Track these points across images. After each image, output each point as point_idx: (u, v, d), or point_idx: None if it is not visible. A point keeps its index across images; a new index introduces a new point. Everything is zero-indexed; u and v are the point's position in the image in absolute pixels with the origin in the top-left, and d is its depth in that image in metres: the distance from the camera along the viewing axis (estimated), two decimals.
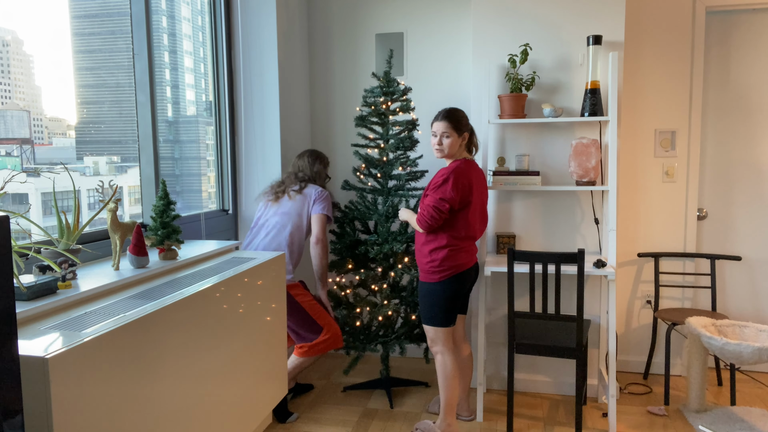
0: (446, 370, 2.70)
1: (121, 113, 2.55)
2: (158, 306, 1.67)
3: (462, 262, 2.63)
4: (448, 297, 2.64)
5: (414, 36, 3.68)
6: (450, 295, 2.64)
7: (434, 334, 2.69)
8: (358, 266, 3.13)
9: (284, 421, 2.94)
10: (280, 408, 2.95)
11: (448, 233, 2.61)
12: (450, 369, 2.69)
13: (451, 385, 2.69)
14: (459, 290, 2.65)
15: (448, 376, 2.69)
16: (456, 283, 2.63)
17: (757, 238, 3.50)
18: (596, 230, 3.20)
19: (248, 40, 3.32)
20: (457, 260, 2.62)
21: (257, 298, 2.33)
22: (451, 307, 2.66)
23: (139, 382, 1.56)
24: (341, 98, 3.83)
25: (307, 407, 3.13)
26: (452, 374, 2.69)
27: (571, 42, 3.15)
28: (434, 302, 2.65)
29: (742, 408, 3.04)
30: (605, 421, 2.96)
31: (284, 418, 2.94)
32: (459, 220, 2.61)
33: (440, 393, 2.73)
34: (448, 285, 2.63)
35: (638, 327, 3.60)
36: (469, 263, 2.67)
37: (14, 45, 2.15)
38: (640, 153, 3.51)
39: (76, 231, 1.96)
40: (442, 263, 2.61)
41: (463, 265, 2.64)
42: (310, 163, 3.06)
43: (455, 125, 2.65)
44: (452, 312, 2.67)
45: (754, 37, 3.41)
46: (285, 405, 2.97)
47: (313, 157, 3.08)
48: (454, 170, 2.58)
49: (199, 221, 2.99)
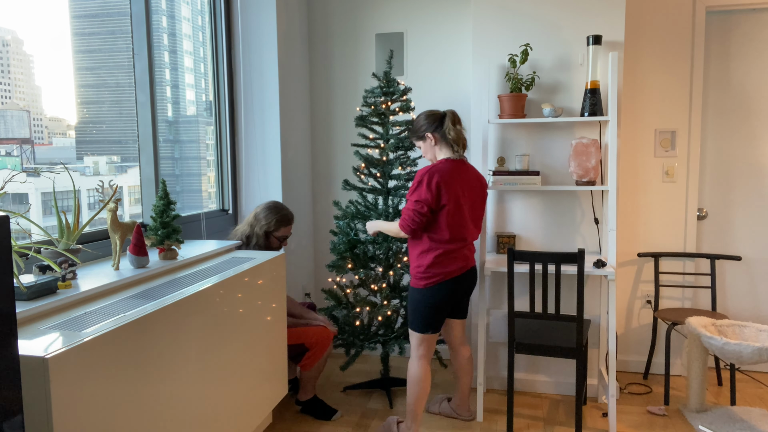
0: (412, 375, 2.64)
1: (121, 113, 2.55)
2: (158, 306, 1.67)
3: (450, 269, 2.54)
4: (431, 305, 2.56)
5: (414, 36, 3.68)
6: (434, 303, 2.56)
7: (416, 340, 2.63)
8: (358, 266, 3.13)
9: (330, 418, 2.97)
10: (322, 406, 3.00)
11: (430, 236, 2.53)
12: (416, 375, 2.63)
13: (414, 392, 2.63)
14: (446, 298, 2.57)
15: (412, 382, 2.64)
16: (442, 291, 2.55)
17: (757, 238, 3.50)
18: (596, 230, 3.20)
19: (248, 40, 3.32)
20: (444, 267, 2.53)
21: (257, 298, 2.33)
22: (434, 315, 2.58)
23: (139, 382, 1.56)
24: (341, 98, 3.83)
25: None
26: (416, 380, 2.63)
27: (571, 42, 3.15)
28: (417, 308, 2.59)
29: (742, 408, 3.04)
30: (605, 421, 2.96)
31: (329, 416, 2.98)
32: (440, 221, 2.51)
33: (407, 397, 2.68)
34: (433, 292, 2.55)
35: (638, 327, 3.60)
36: (460, 270, 2.57)
37: (14, 45, 2.15)
38: (640, 153, 3.51)
39: (76, 231, 1.96)
40: (428, 270, 2.54)
41: (452, 272, 2.55)
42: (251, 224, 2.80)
43: (413, 134, 2.67)
44: (435, 320, 2.59)
45: (754, 37, 3.41)
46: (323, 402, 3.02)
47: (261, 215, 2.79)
48: (427, 171, 2.49)
49: (199, 221, 2.99)
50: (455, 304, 2.77)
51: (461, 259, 2.58)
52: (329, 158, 3.89)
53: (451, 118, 2.58)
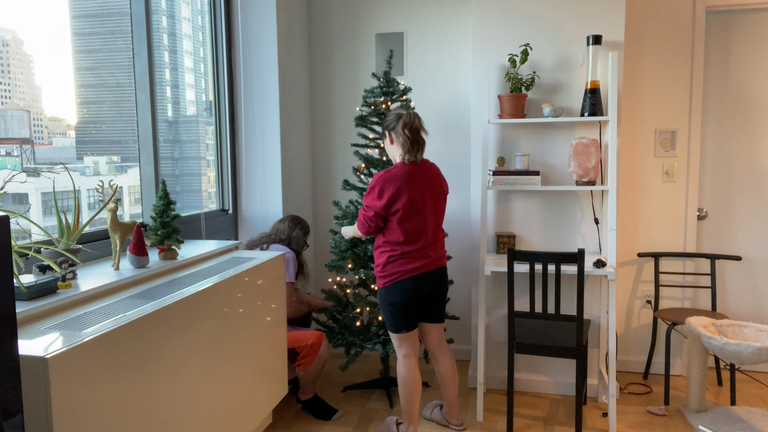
0: (399, 376, 2.64)
1: (121, 113, 2.55)
2: (158, 306, 1.67)
3: (407, 269, 2.52)
4: (392, 303, 2.55)
5: (414, 36, 3.68)
6: (395, 301, 2.54)
7: (395, 341, 2.64)
8: (358, 266, 3.13)
9: (330, 418, 2.98)
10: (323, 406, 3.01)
11: (386, 238, 2.54)
12: (402, 375, 2.62)
13: (405, 392, 2.62)
14: (407, 297, 2.54)
15: (400, 383, 2.63)
16: (401, 289, 2.53)
17: (757, 238, 3.50)
18: (596, 230, 3.20)
19: (248, 40, 3.32)
20: (401, 266, 2.52)
21: (257, 298, 2.33)
22: (401, 314, 2.56)
23: (139, 382, 1.56)
24: (341, 98, 3.83)
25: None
26: (404, 381, 2.62)
27: (571, 42, 3.15)
28: (383, 307, 2.61)
29: (742, 408, 3.04)
30: (605, 421, 2.96)
31: (330, 415, 2.99)
32: (392, 225, 2.50)
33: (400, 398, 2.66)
34: (391, 291, 2.55)
35: (638, 327, 3.60)
36: (418, 269, 2.53)
37: (14, 45, 2.15)
38: (640, 153, 3.51)
39: (76, 231, 1.96)
40: (384, 269, 2.55)
41: (409, 272, 2.52)
42: (290, 228, 3.06)
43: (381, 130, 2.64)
44: (404, 319, 2.57)
45: (754, 37, 3.41)
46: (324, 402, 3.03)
47: (294, 223, 3.08)
48: (380, 178, 2.48)
49: (199, 221, 2.99)
50: (424, 306, 2.72)
51: (422, 258, 2.54)
52: (329, 158, 3.89)
53: (405, 121, 2.50)
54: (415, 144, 2.51)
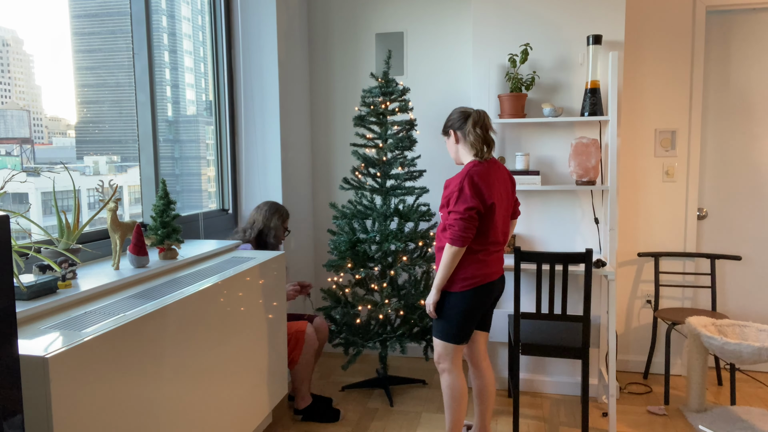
0: (455, 389, 2.47)
1: (121, 113, 2.55)
2: (158, 306, 1.67)
3: (487, 272, 2.38)
4: (464, 310, 2.38)
5: (414, 36, 3.68)
6: (467, 308, 2.38)
7: (442, 350, 2.44)
8: (357, 265, 3.13)
9: (338, 419, 2.97)
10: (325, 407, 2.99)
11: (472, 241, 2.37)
12: (459, 388, 2.46)
13: (460, 406, 2.48)
14: (482, 303, 2.40)
15: (456, 396, 2.47)
16: (477, 295, 2.38)
17: (757, 237, 3.50)
18: (596, 230, 3.20)
19: (248, 40, 3.32)
20: (481, 269, 2.37)
21: (257, 298, 2.33)
22: (466, 322, 2.40)
23: (139, 382, 1.56)
24: (341, 98, 3.83)
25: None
26: (462, 393, 2.47)
27: (571, 42, 3.15)
28: (448, 315, 2.40)
29: (742, 408, 3.04)
30: (605, 421, 2.96)
31: (336, 416, 2.97)
32: (482, 225, 2.35)
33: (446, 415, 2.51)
34: (466, 297, 2.37)
35: (638, 327, 3.60)
36: (494, 274, 2.42)
37: (14, 45, 2.15)
38: (640, 153, 3.51)
39: (76, 230, 1.96)
40: (463, 271, 2.37)
41: (490, 275, 2.39)
42: (267, 217, 2.97)
43: (443, 129, 2.54)
44: (467, 328, 2.41)
45: (754, 37, 3.41)
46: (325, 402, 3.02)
47: (272, 211, 2.99)
48: (462, 179, 2.33)
49: (198, 221, 2.99)
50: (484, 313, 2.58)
51: (497, 261, 2.45)
52: (329, 158, 3.89)
53: (474, 120, 2.42)
54: (486, 142, 2.43)
